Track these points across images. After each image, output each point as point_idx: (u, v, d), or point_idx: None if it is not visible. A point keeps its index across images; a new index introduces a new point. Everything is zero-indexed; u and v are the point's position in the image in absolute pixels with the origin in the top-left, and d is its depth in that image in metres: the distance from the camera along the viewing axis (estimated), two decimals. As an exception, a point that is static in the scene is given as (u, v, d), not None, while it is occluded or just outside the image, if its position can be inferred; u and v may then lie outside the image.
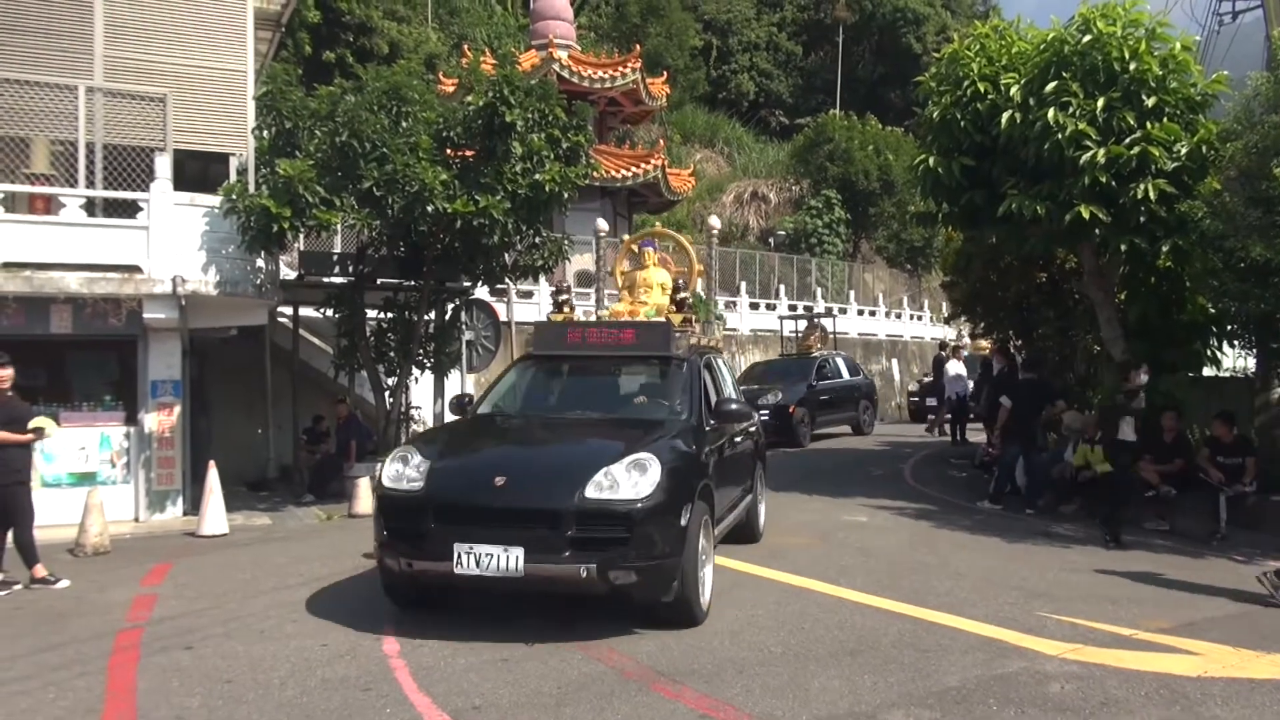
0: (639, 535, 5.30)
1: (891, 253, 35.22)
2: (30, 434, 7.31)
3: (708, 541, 6.08)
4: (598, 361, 7.48)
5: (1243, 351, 12.09)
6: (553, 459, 6.12)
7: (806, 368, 18.45)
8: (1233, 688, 4.71)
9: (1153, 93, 9.41)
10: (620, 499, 5.33)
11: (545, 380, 7.67)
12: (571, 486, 5.38)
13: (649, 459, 5.50)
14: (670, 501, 5.47)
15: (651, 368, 7.40)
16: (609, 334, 7.37)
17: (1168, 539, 8.96)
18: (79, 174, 9.92)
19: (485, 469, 5.79)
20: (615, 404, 7.34)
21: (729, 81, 43.40)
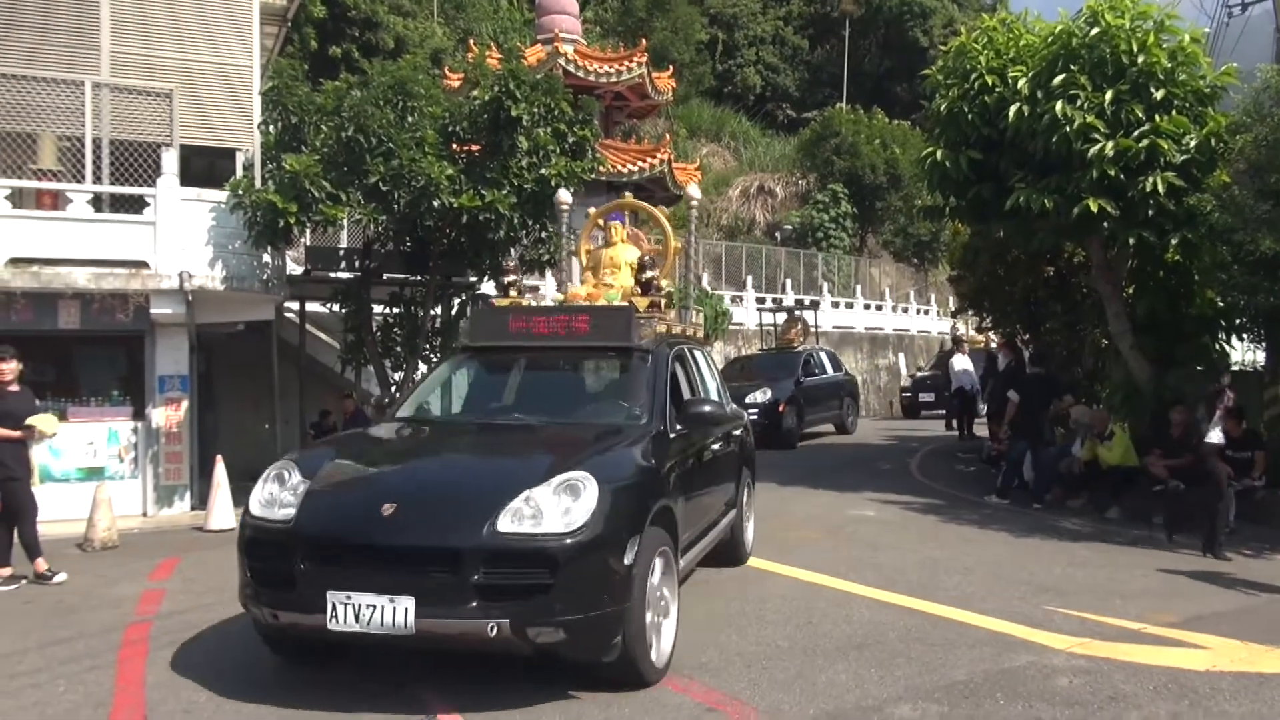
0: (568, 580, 4.15)
1: (898, 247, 35.15)
2: (23, 431, 7.24)
3: (668, 580, 4.91)
4: (545, 355, 6.23)
5: (1252, 345, 12.05)
6: (462, 480, 4.82)
7: (792, 363, 17.28)
8: (1241, 682, 4.70)
9: (1161, 85, 9.36)
10: (543, 533, 4.20)
11: (481, 378, 6.49)
12: (480, 516, 4.23)
13: (584, 479, 4.36)
14: (612, 534, 4.33)
15: (609, 362, 6.22)
16: (559, 322, 6.06)
17: (1176, 533, 8.92)
18: (86, 170, 9.95)
19: (373, 493, 4.62)
20: (562, 406, 6.06)
21: (735, 75, 43.32)
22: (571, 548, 4.19)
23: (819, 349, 19.39)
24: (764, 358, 19.07)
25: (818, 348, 19.52)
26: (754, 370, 17.48)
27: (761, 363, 18.29)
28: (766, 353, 19.96)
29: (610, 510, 4.34)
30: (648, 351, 6.00)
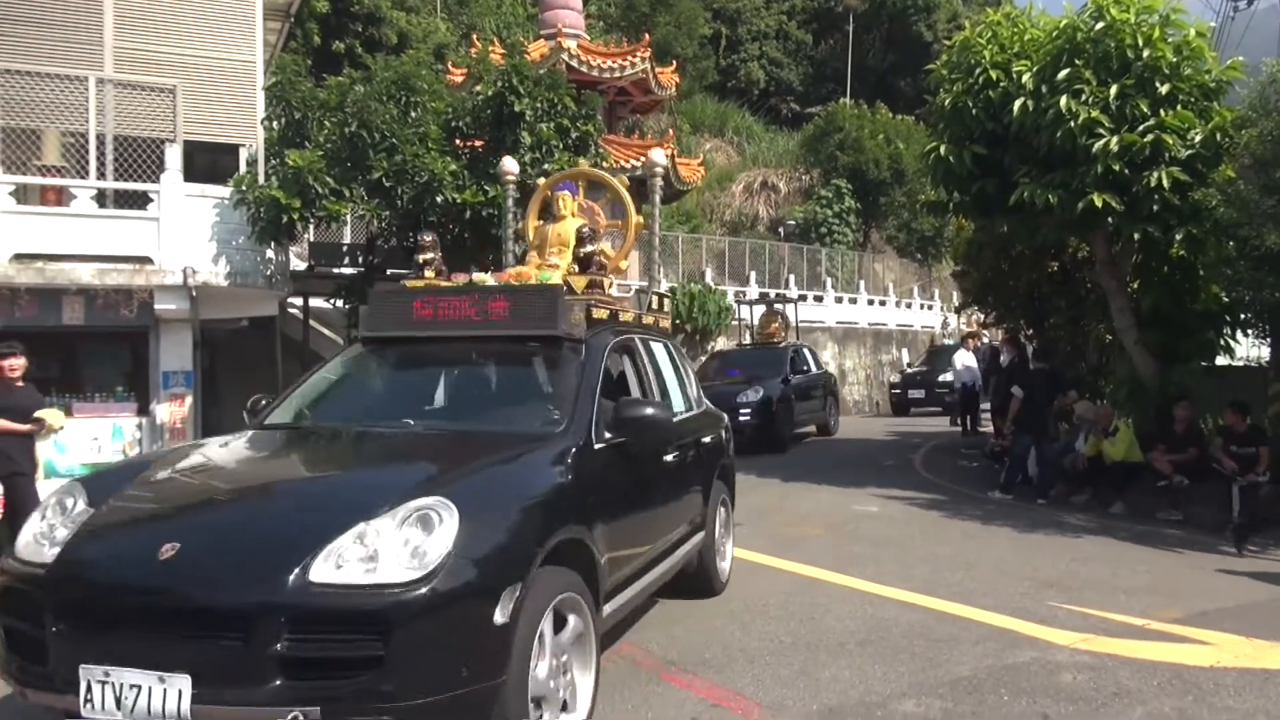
0: (407, 649, 3.01)
1: (902, 242, 35.09)
2: (30, 426, 7.27)
3: (581, 640, 3.80)
4: (454, 346, 5.08)
5: (1256, 341, 12.02)
6: (283, 510, 3.65)
7: (778, 359, 16.14)
8: (1246, 678, 4.69)
9: (1166, 80, 9.33)
10: (375, 583, 3.05)
11: (374, 374, 5.38)
12: (290, 560, 3.08)
13: (440, 507, 3.24)
14: (479, 580, 3.22)
15: (531, 354, 4.95)
16: (472, 305, 4.89)
17: (1180, 529, 8.92)
18: (90, 165, 9.96)
19: (158, 529, 3.44)
20: (466, 410, 4.97)
21: (738, 70, 43.26)
22: (414, 603, 3.01)
23: (801, 345, 18.57)
24: (742, 353, 17.84)
25: (799, 343, 18.68)
26: (736, 367, 16.14)
27: (743, 359, 16.87)
28: (745, 348, 18.72)
29: (479, 548, 3.24)
30: (580, 342, 4.84)
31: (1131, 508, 9.69)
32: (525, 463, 3.97)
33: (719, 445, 6.46)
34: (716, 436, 6.45)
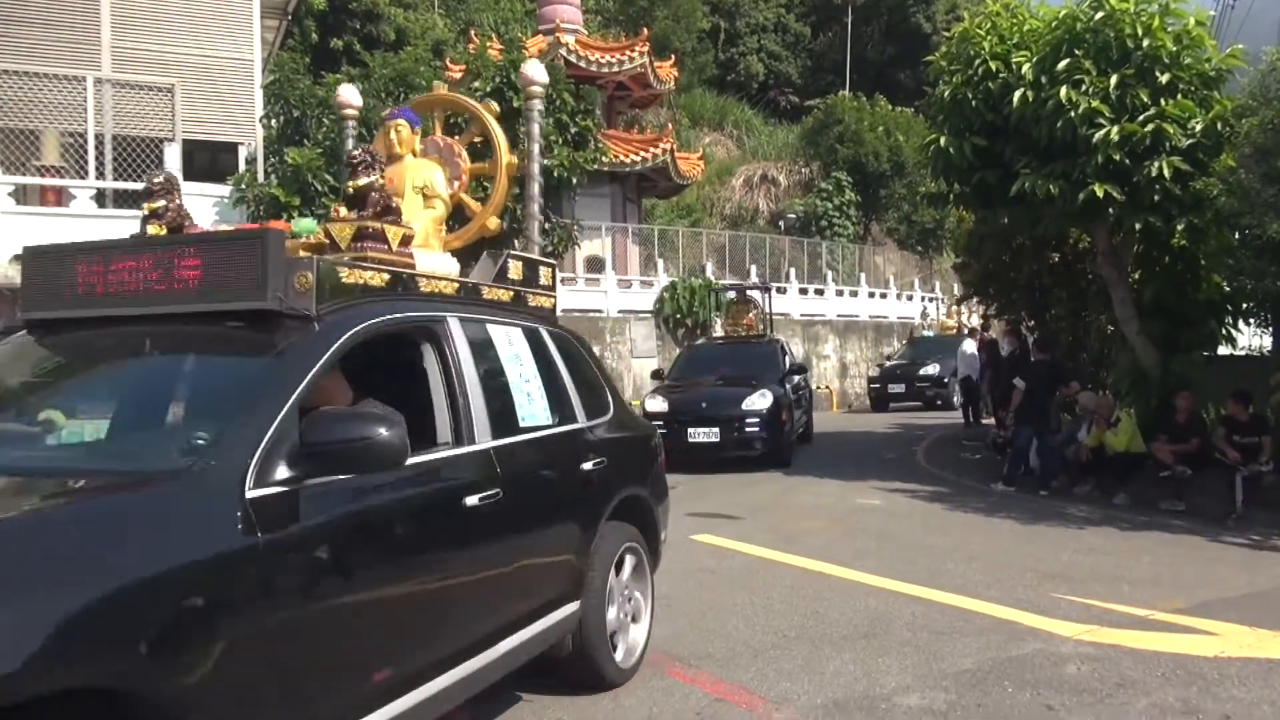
0: None
1: (902, 235, 35.06)
2: None
3: None
4: (126, 332, 3.32)
5: (1258, 330, 12.01)
6: None
7: (768, 357, 13.85)
8: (1250, 668, 4.69)
9: (1166, 69, 9.31)
10: None
11: (19, 372, 3.59)
12: None
13: None
14: None
15: (228, 339, 3.22)
16: (156, 268, 3.17)
17: (1183, 519, 8.92)
18: (89, 165, 9.96)
19: None
20: (118, 430, 3.39)
21: (737, 64, 43.20)
22: None
23: (778, 338, 16.38)
24: (722, 349, 15.22)
25: (776, 337, 16.38)
26: (720, 364, 13.64)
27: (725, 355, 14.38)
28: (719, 342, 16.31)
29: None
30: (310, 320, 3.09)
31: (1134, 498, 9.69)
32: (86, 527, 2.27)
33: (621, 472, 4.63)
34: (617, 460, 4.61)
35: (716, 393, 12.56)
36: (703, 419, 12.00)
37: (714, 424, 11.91)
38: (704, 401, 12.32)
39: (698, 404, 12.28)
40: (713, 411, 12.06)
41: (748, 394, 12.14)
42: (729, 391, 12.45)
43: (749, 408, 12.00)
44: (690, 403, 12.36)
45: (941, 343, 22.98)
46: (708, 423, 11.95)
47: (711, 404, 12.21)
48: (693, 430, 11.89)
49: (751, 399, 12.06)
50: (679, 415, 12.03)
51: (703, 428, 11.90)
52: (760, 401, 12.08)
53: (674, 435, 11.27)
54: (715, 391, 12.64)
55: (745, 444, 11.82)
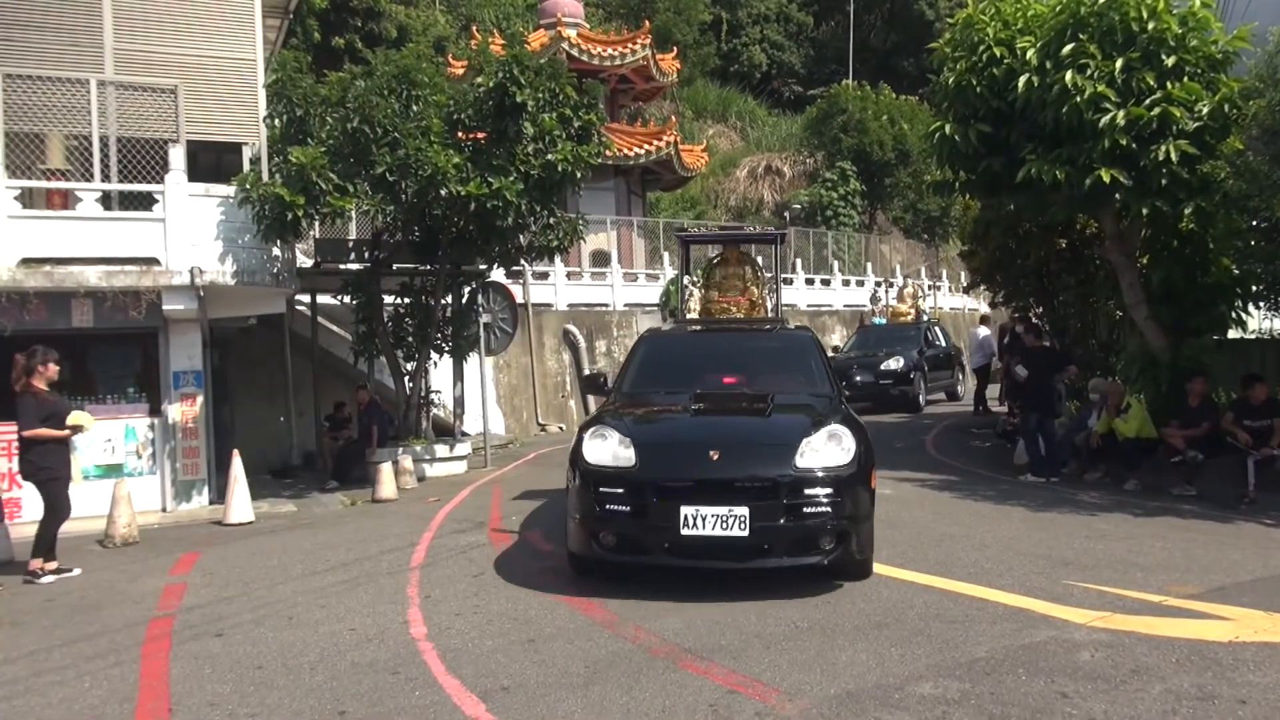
0: None
1: (908, 223, 34.97)
2: (69, 430, 7.40)
3: None
4: None
5: (1269, 313, 11.95)
6: None
7: (797, 354, 7.81)
8: (1265, 652, 4.67)
9: (1172, 52, 9.24)
10: None
11: None
12: None
13: None
14: None
15: None
16: None
17: (1195, 504, 8.89)
18: (94, 168, 9.97)
19: None
20: None
21: (740, 55, 43.07)
22: None
23: None
24: (719, 340, 8.49)
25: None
26: (712, 365, 7.69)
27: (718, 349, 8.18)
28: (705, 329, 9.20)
29: None
30: None
31: (1145, 484, 9.66)
32: None
33: None
34: None
35: (733, 428, 6.57)
36: (714, 489, 5.76)
37: (738, 498, 5.70)
38: (715, 447, 5.99)
39: (698, 453, 5.96)
40: (734, 469, 5.88)
41: (802, 429, 6.12)
42: (760, 428, 6.47)
43: (811, 465, 5.85)
44: (682, 449, 6.14)
45: (895, 332, 20.45)
46: (724, 495, 5.71)
47: (731, 453, 6.00)
48: (692, 514, 5.65)
49: (817, 442, 5.98)
50: (660, 477, 5.86)
51: (713, 506, 5.65)
52: (832, 450, 5.95)
53: (646, 521, 5.76)
54: (730, 426, 6.62)
55: (806, 543, 5.77)
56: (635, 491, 5.74)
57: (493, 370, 14.85)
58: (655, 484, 5.73)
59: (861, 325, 23.27)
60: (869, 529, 6.00)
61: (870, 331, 20.93)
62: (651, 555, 5.76)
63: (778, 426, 6.34)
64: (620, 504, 5.75)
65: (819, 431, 5.99)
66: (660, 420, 6.69)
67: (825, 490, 5.69)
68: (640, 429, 6.28)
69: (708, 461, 5.79)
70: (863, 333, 21.07)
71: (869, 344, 19.31)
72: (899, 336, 19.49)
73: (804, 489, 5.67)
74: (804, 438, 5.92)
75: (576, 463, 6.03)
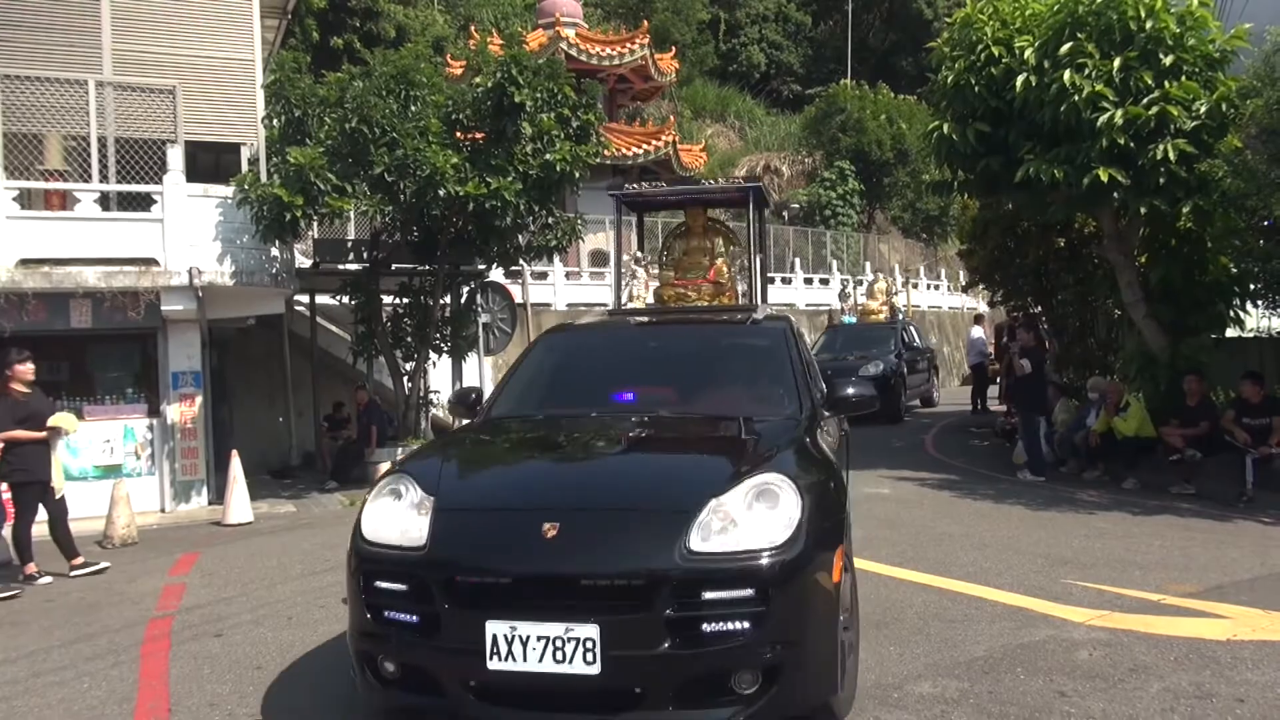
0: None
1: (907, 223, 34.98)
2: (46, 432, 7.31)
3: None
4: None
5: (1266, 312, 11.96)
6: None
7: (768, 358, 5.31)
8: (1263, 650, 4.68)
9: (1170, 51, 9.25)
10: None
11: None
12: None
13: None
14: None
15: None
16: None
17: (1194, 502, 8.90)
18: (93, 169, 9.97)
19: None
20: None
21: (739, 54, 43.06)
22: None
23: None
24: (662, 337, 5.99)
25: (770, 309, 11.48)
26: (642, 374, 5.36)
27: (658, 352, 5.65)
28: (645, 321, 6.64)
29: None
30: None
31: (1144, 483, 9.67)
32: None
33: None
34: None
35: (595, 481, 4.07)
36: (544, 590, 3.46)
37: (585, 607, 3.35)
38: (555, 514, 3.56)
39: (527, 525, 3.54)
40: (580, 555, 3.51)
41: (710, 482, 3.68)
42: (640, 481, 4.03)
43: (719, 546, 3.43)
44: (502, 518, 3.76)
45: (867, 332, 18.69)
46: (560, 602, 3.41)
47: (581, 525, 3.58)
48: (506, 633, 3.33)
49: (733, 504, 3.53)
50: (459, 567, 3.56)
51: (540, 622, 3.32)
52: (759, 518, 3.50)
53: (439, 642, 3.49)
54: (593, 476, 4.15)
55: (710, 683, 3.37)
56: (421, 591, 3.49)
57: (491, 370, 14.84)
58: (450, 579, 3.46)
59: (830, 325, 21.62)
60: (830, 650, 3.56)
61: (839, 332, 19.13)
62: (451, 699, 3.46)
63: (671, 477, 4.01)
64: (404, 611, 3.54)
65: (739, 486, 3.58)
66: (491, 466, 4.36)
67: (742, 591, 3.32)
68: (454, 483, 3.95)
69: (538, 541, 3.42)
70: (831, 333, 19.11)
71: (838, 346, 17.51)
72: (872, 337, 17.96)
73: (702, 591, 3.32)
74: (710, 497, 3.51)
75: (353, 539, 3.81)
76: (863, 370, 15.47)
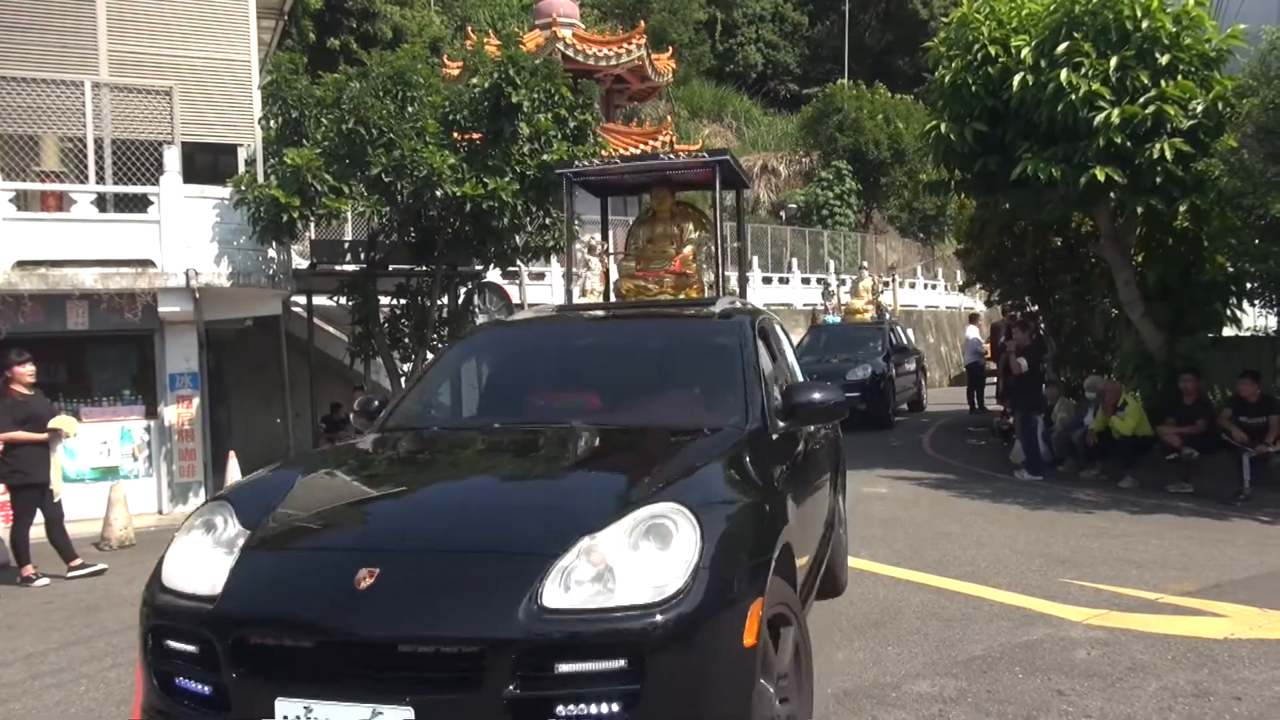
0: None
1: (904, 222, 34.99)
2: (46, 434, 7.31)
3: None
4: None
5: (1263, 311, 11.98)
6: None
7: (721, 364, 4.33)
8: (1261, 649, 4.69)
9: (1166, 50, 9.27)
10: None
11: None
12: None
13: None
14: None
15: None
16: None
17: (1191, 501, 8.91)
18: (89, 170, 9.96)
19: None
20: None
21: (735, 54, 43.04)
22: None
23: None
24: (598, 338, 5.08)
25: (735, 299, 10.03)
26: (558, 379, 4.60)
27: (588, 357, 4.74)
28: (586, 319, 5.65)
29: None
30: None
31: (1142, 482, 9.68)
32: None
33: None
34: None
35: (438, 512, 3.18)
36: (350, 659, 2.59)
37: (399, 683, 2.53)
38: (378, 558, 2.74)
39: (338, 572, 2.71)
40: (399, 614, 2.64)
41: (579, 517, 2.82)
42: (493, 514, 3.10)
43: (582, 601, 2.58)
44: (311, 563, 2.95)
45: (853, 333, 17.76)
46: (370, 675, 2.56)
47: (406, 572, 2.73)
48: (299, 715, 2.54)
49: (610, 545, 2.67)
50: (252, 627, 2.73)
51: (342, 702, 2.53)
52: (644, 563, 2.64)
53: None
54: (435, 505, 3.26)
55: None
56: (208, 655, 2.71)
57: (489, 371, 14.82)
58: (240, 641, 2.67)
59: (813, 325, 20.56)
60: None
61: (823, 332, 18.19)
62: None
63: (541, 508, 3.09)
64: (196, 680, 2.78)
65: (623, 520, 2.73)
66: (334, 492, 3.43)
67: (610, 663, 2.52)
68: (279, 515, 3.09)
69: (348, 592, 2.64)
70: (815, 334, 18.14)
71: (823, 348, 16.60)
72: (858, 338, 17.10)
73: (556, 661, 2.51)
74: (581, 535, 2.68)
75: (149, 584, 3.03)
76: (849, 374, 14.88)
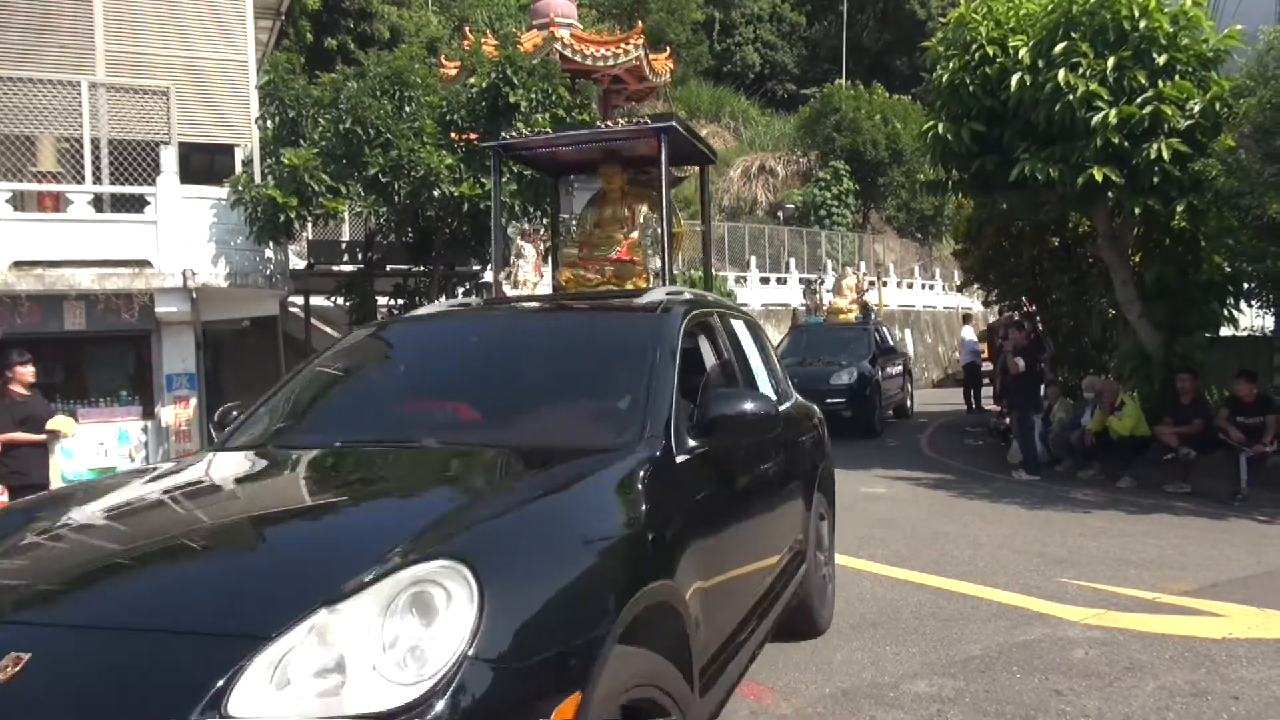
0: None
1: (901, 222, 35.00)
2: (45, 435, 7.29)
3: None
4: None
5: (1260, 311, 11.99)
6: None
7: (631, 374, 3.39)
8: (1258, 648, 4.69)
9: (1164, 50, 9.27)
10: None
11: None
12: None
13: None
14: None
15: None
16: None
17: (1189, 501, 8.91)
18: (86, 170, 9.95)
19: None
20: None
21: (733, 55, 43.06)
22: None
23: None
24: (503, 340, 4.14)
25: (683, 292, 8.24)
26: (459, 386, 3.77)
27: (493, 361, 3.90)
28: (498, 315, 4.65)
29: None
30: None
31: (1139, 482, 9.68)
32: None
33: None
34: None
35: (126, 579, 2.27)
36: None
37: None
38: (20, 642, 1.89)
39: None
40: None
41: (308, 585, 1.93)
42: (196, 581, 2.19)
43: (284, 711, 1.70)
44: None
45: (837, 334, 16.80)
46: None
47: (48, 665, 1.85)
48: None
49: (347, 628, 1.80)
50: None
51: None
52: (399, 643, 1.80)
53: None
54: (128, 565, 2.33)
55: None
56: None
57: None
58: None
59: (795, 326, 19.46)
60: None
61: (804, 333, 17.18)
62: None
63: (272, 563, 2.30)
64: None
65: (379, 585, 1.87)
66: (54, 537, 2.54)
67: None
68: None
69: None
70: (796, 336, 17.09)
71: (804, 350, 15.65)
72: (843, 340, 16.10)
73: None
74: (314, 607, 1.83)
75: None
76: (833, 378, 14.22)
